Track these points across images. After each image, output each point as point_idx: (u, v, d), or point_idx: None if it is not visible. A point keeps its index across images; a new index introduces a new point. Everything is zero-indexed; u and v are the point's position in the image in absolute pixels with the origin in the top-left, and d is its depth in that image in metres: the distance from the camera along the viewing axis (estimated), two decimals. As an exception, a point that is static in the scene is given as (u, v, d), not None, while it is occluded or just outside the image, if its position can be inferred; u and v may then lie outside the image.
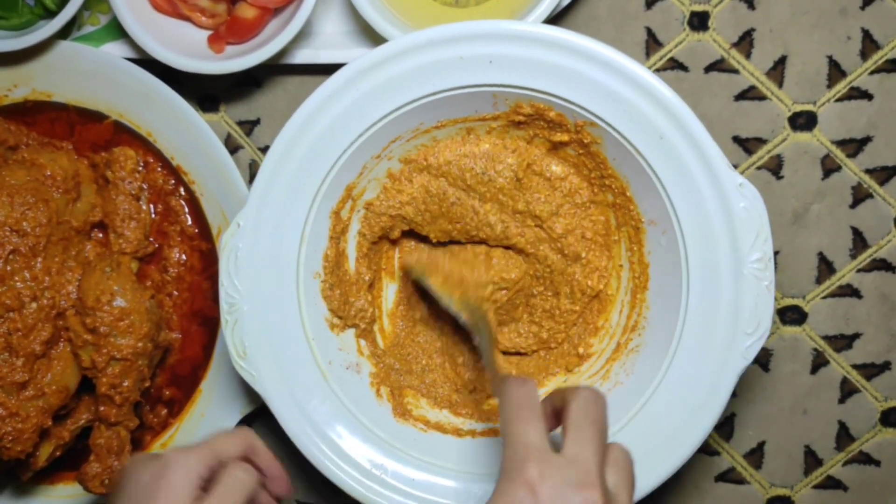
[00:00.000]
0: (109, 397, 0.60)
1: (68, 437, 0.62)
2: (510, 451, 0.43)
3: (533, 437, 0.43)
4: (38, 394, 0.58)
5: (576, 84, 0.54)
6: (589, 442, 0.43)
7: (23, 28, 0.61)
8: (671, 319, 0.55)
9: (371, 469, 0.57)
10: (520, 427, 0.44)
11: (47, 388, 0.59)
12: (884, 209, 0.63)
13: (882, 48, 0.62)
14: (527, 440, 0.43)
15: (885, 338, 0.65)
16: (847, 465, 0.66)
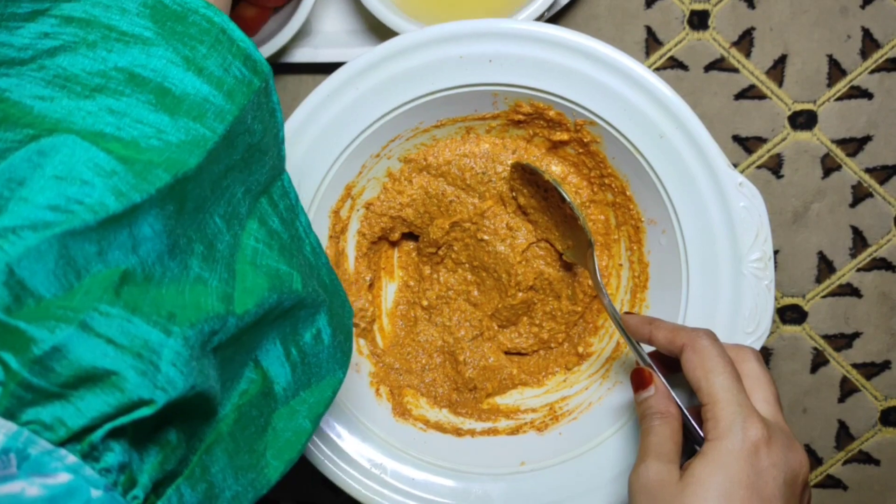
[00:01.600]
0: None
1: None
2: (728, 408, 0.43)
3: (744, 397, 0.44)
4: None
5: (575, 83, 0.54)
6: (776, 401, 0.46)
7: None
8: (671, 318, 0.55)
9: (370, 468, 0.57)
10: (733, 383, 0.44)
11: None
12: (884, 208, 0.63)
13: (882, 47, 0.62)
14: (741, 398, 0.44)
15: (885, 337, 0.64)
16: (847, 464, 0.66)
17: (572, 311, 0.61)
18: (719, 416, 0.43)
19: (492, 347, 0.62)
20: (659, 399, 0.47)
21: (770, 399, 0.46)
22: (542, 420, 0.59)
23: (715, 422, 0.44)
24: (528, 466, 0.57)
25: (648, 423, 0.47)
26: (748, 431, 0.43)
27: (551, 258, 0.61)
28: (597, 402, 0.58)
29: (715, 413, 0.44)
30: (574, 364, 0.62)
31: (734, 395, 0.44)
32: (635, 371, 0.49)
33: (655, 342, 0.49)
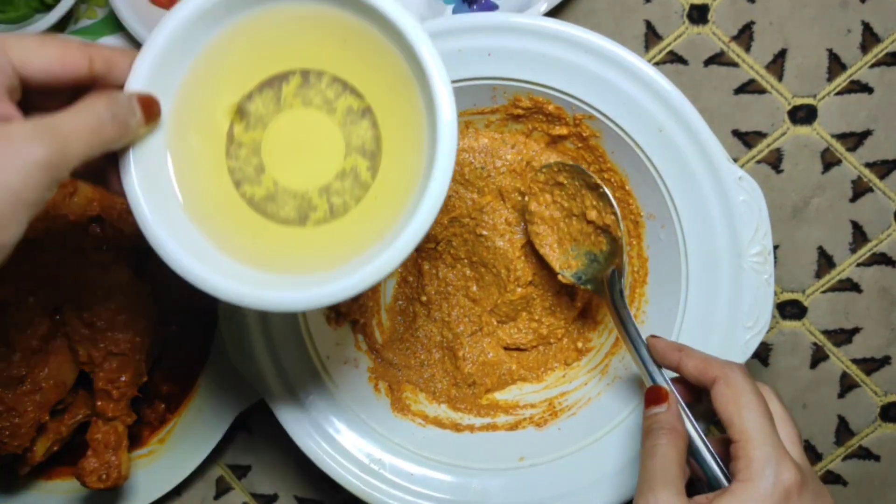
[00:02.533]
0: (107, 392, 0.60)
1: (65, 432, 0.62)
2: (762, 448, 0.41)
3: (778, 438, 0.42)
4: (35, 388, 0.58)
5: (575, 77, 0.54)
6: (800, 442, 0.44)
7: (19, 21, 0.61)
8: (670, 313, 0.55)
9: (369, 464, 0.57)
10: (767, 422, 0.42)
11: (44, 382, 0.58)
12: (884, 203, 0.63)
13: (882, 41, 0.62)
14: (776, 439, 0.42)
15: (884, 332, 0.64)
16: (847, 459, 0.66)
17: (572, 306, 0.61)
18: (752, 455, 0.42)
19: (491, 343, 0.62)
20: (670, 416, 0.46)
21: (795, 440, 0.44)
22: (540, 415, 0.59)
23: (747, 461, 0.42)
24: (527, 462, 0.57)
25: (654, 441, 0.44)
26: (781, 475, 0.41)
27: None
28: (596, 398, 0.58)
29: (748, 452, 0.42)
30: (573, 359, 0.61)
31: (768, 435, 0.42)
32: (651, 388, 0.48)
33: (683, 370, 0.47)
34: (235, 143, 0.43)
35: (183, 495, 0.67)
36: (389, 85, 0.43)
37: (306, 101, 0.43)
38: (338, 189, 0.43)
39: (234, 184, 0.43)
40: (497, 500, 0.56)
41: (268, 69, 0.43)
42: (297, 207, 0.43)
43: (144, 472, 0.64)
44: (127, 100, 0.40)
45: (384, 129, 0.43)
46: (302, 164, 0.43)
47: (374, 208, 0.43)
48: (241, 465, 0.67)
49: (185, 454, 0.64)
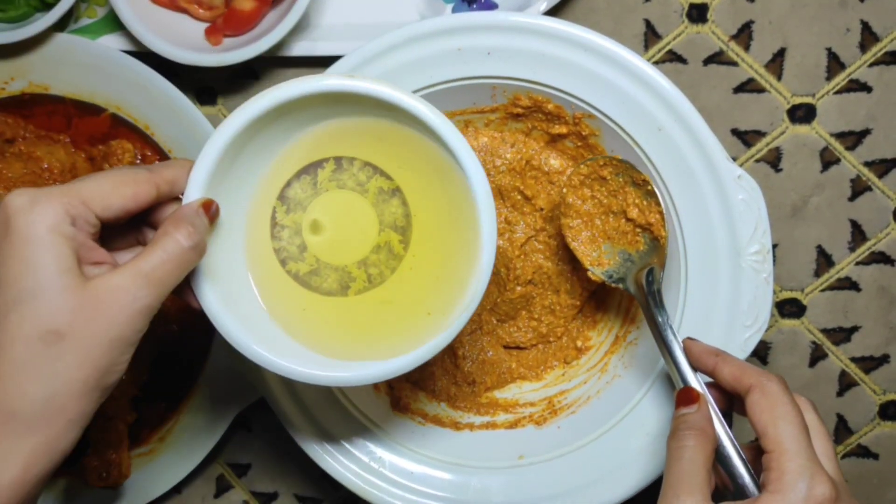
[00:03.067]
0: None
1: (66, 430, 0.62)
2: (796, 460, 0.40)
3: (813, 451, 0.41)
4: (35, 387, 0.58)
5: (574, 76, 0.54)
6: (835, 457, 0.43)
7: (19, 20, 0.61)
8: (669, 312, 0.55)
9: (369, 462, 0.57)
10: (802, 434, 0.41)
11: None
12: (882, 202, 0.63)
13: (881, 40, 0.62)
14: (811, 452, 0.41)
15: (883, 331, 0.64)
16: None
17: (571, 305, 0.61)
18: (785, 467, 0.40)
19: (490, 341, 0.62)
20: (699, 417, 0.44)
21: (830, 455, 0.43)
22: (540, 414, 0.59)
23: (779, 473, 0.40)
24: (527, 460, 0.57)
25: (681, 443, 0.43)
26: (815, 489, 0.39)
27: (550, 252, 0.61)
28: (595, 396, 0.58)
29: (781, 464, 0.40)
30: (573, 358, 0.62)
31: (804, 447, 0.40)
32: (683, 389, 0.47)
33: (718, 376, 0.46)
34: (279, 226, 0.48)
35: (183, 493, 0.67)
36: (417, 170, 0.47)
37: (340, 184, 0.48)
38: (374, 261, 0.48)
39: (280, 262, 0.48)
40: (497, 498, 0.56)
41: (305, 159, 0.47)
42: (338, 280, 0.48)
43: (145, 471, 0.64)
44: (197, 216, 0.42)
45: (413, 206, 0.48)
46: (341, 241, 0.48)
47: (410, 278, 0.48)
48: (241, 464, 0.67)
49: (185, 452, 0.64)
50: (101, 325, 0.38)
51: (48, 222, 0.38)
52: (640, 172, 0.54)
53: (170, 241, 0.40)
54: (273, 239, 0.48)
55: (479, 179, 0.45)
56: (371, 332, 0.48)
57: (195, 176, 0.44)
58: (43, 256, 0.38)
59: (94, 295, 0.38)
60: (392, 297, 0.48)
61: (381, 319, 0.48)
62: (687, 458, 0.42)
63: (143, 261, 0.39)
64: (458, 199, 0.46)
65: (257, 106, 0.44)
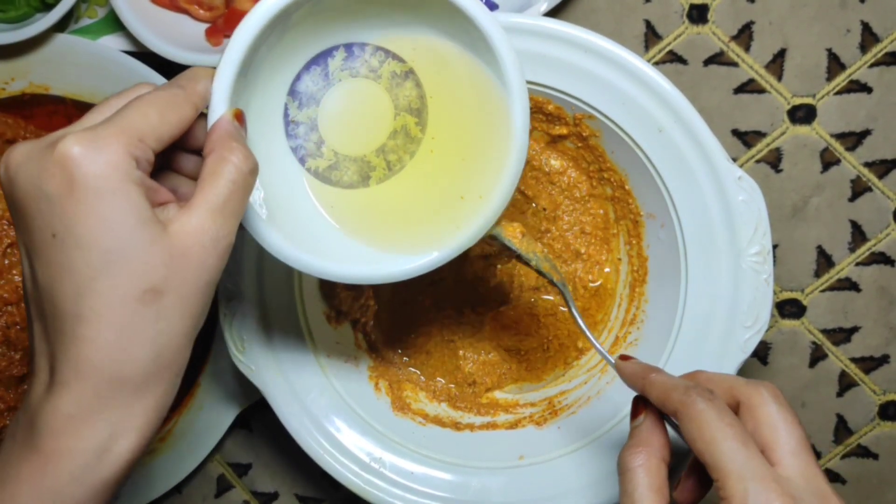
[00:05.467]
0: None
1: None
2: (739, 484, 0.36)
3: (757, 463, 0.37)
4: (36, 387, 0.58)
5: (574, 77, 0.54)
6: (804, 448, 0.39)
7: (20, 21, 0.61)
8: (669, 313, 0.55)
9: (369, 462, 0.57)
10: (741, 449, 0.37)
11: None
12: (883, 203, 0.63)
13: (882, 41, 0.62)
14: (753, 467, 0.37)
15: (883, 331, 0.65)
16: (845, 458, 0.66)
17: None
18: (730, 493, 0.36)
19: (491, 343, 0.62)
20: (643, 429, 0.41)
21: (796, 449, 0.38)
22: (540, 414, 0.59)
23: (728, 501, 0.37)
24: (527, 460, 0.57)
25: (627, 465, 0.40)
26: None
27: (553, 255, 0.61)
28: (595, 397, 0.58)
29: (726, 491, 0.37)
30: (573, 359, 0.62)
31: (743, 465, 0.37)
32: (634, 398, 0.44)
33: (651, 401, 0.42)
34: (293, 123, 0.46)
35: (183, 493, 0.67)
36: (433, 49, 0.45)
37: (353, 72, 0.46)
38: (392, 147, 0.46)
39: (299, 161, 0.46)
40: (497, 498, 0.56)
41: (313, 48, 0.45)
42: (357, 171, 0.47)
43: (145, 470, 0.64)
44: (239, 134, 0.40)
45: (428, 88, 0.46)
46: (357, 130, 0.46)
47: (432, 161, 0.46)
48: (242, 464, 0.67)
49: (185, 452, 0.64)
50: (193, 273, 0.36)
51: (118, 170, 0.34)
52: (508, 246, 0.51)
53: (230, 167, 0.37)
54: (288, 137, 0.45)
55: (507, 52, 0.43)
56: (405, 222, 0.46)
57: (219, 85, 0.41)
58: (120, 210, 0.34)
59: (180, 243, 0.36)
60: (416, 183, 0.46)
61: (411, 207, 0.46)
62: (632, 482, 0.40)
63: (213, 195, 0.37)
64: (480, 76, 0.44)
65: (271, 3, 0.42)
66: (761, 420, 0.39)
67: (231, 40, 0.42)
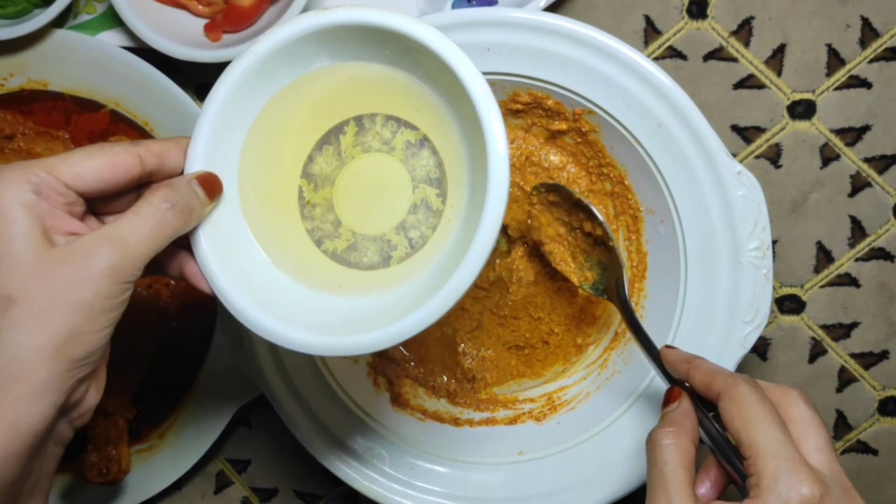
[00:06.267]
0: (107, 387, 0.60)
1: (66, 426, 0.62)
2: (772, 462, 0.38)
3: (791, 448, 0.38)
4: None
5: (574, 72, 0.54)
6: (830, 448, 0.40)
7: (18, 16, 0.61)
8: (669, 308, 0.55)
9: (369, 458, 0.57)
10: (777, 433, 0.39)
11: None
12: (882, 198, 0.63)
13: (881, 36, 0.62)
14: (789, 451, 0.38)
15: (883, 327, 0.64)
16: (845, 454, 0.66)
17: (571, 303, 0.61)
18: (762, 471, 0.38)
19: (490, 339, 0.62)
20: (678, 412, 0.43)
21: (823, 447, 0.40)
22: (540, 410, 0.59)
23: (757, 478, 0.38)
24: (527, 456, 0.57)
25: (657, 443, 0.41)
26: (796, 489, 0.37)
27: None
28: (595, 392, 0.58)
29: (757, 468, 0.38)
30: (572, 355, 0.62)
31: (778, 446, 0.38)
32: (667, 390, 0.46)
33: (692, 384, 0.44)
34: (309, 206, 0.45)
35: (183, 490, 0.67)
36: (438, 113, 0.43)
37: (366, 147, 0.44)
38: (413, 223, 0.44)
39: (315, 243, 0.45)
40: (496, 494, 0.56)
41: (322, 125, 0.44)
42: (378, 251, 0.44)
43: (144, 467, 0.64)
44: (186, 184, 0.41)
45: (443, 153, 0.44)
46: (375, 208, 0.44)
47: (449, 231, 0.43)
48: (241, 460, 0.67)
49: (185, 449, 0.64)
50: (58, 288, 0.36)
51: (8, 193, 0.36)
52: (571, 192, 0.54)
53: (142, 203, 0.39)
54: (304, 219, 0.45)
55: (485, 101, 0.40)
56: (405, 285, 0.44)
57: (192, 149, 0.42)
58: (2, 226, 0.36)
59: (54, 258, 0.36)
60: (434, 256, 0.43)
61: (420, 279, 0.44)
62: (661, 463, 0.40)
63: (110, 224, 0.38)
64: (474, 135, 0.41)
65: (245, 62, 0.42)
66: (792, 417, 0.41)
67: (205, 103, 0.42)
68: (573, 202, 0.55)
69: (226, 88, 0.42)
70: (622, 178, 0.57)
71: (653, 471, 0.41)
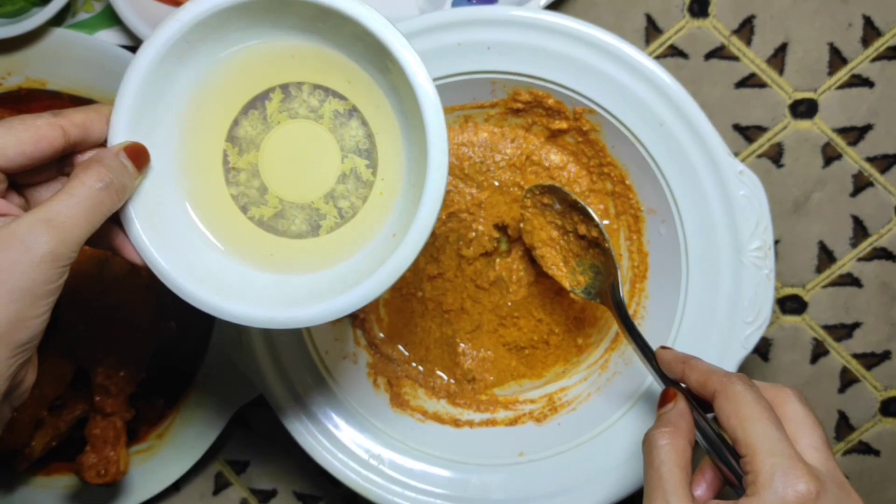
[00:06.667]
0: (105, 388, 0.60)
1: (64, 427, 0.62)
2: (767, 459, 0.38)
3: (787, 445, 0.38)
4: (33, 384, 0.58)
5: (575, 71, 0.53)
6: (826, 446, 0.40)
7: (16, 15, 0.60)
8: (670, 308, 0.55)
9: (368, 459, 0.57)
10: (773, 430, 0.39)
11: (42, 378, 0.58)
12: (884, 198, 0.63)
13: (883, 35, 0.62)
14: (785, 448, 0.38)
15: (885, 327, 0.64)
16: (847, 454, 0.65)
17: (571, 304, 0.61)
18: (758, 468, 0.38)
19: (490, 340, 0.62)
20: (674, 413, 0.43)
21: (819, 444, 0.40)
22: (540, 411, 0.59)
23: (754, 475, 0.38)
24: (527, 457, 0.57)
25: (653, 444, 0.41)
26: (792, 486, 0.37)
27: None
28: (596, 393, 0.58)
29: (754, 465, 0.38)
30: (573, 356, 0.61)
31: (775, 443, 0.38)
32: (662, 391, 0.46)
33: (688, 384, 0.44)
34: (233, 170, 0.44)
35: (182, 491, 0.67)
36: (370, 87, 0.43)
37: (292, 113, 0.44)
38: (342, 192, 0.43)
39: (241, 209, 0.44)
40: (497, 495, 0.56)
41: (248, 92, 0.44)
42: (306, 219, 0.44)
43: (143, 468, 0.64)
44: (114, 157, 0.40)
45: (374, 125, 0.43)
46: (302, 175, 0.44)
47: (382, 204, 0.43)
48: (240, 461, 0.67)
49: (183, 450, 0.64)
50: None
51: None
52: (567, 193, 0.54)
53: (76, 183, 0.38)
54: (229, 185, 0.44)
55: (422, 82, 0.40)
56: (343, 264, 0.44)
57: (115, 118, 0.41)
58: None
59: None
60: (367, 228, 0.43)
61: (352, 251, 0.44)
62: (657, 464, 0.40)
63: (45, 206, 0.37)
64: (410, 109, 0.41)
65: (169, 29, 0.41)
66: (787, 415, 0.41)
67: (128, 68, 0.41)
68: (568, 204, 0.54)
69: (150, 55, 0.41)
70: (623, 178, 0.57)
71: (649, 471, 0.41)
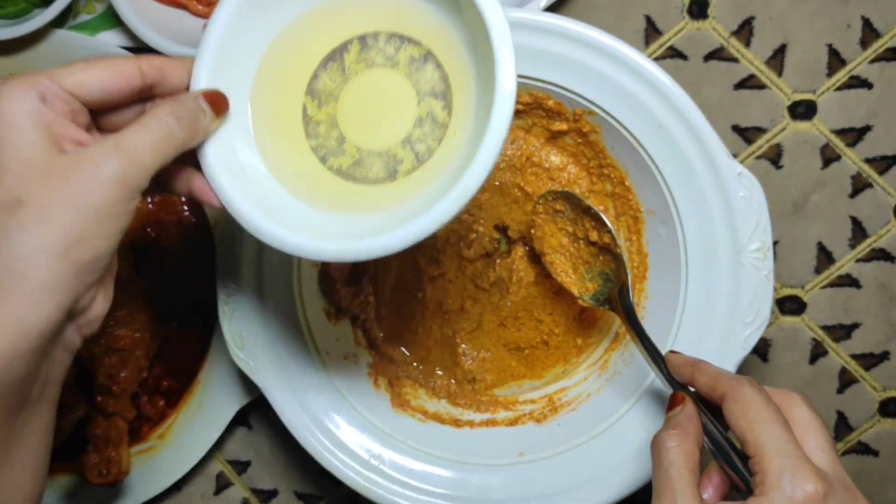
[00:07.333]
0: (107, 388, 0.60)
1: (66, 427, 0.62)
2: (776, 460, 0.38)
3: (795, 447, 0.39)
4: (34, 384, 0.58)
5: (575, 72, 0.53)
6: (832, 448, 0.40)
7: (18, 16, 0.61)
8: (670, 309, 0.55)
9: (369, 459, 0.57)
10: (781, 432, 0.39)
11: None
12: (883, 199, 0.63)
13: (882, 36, 0.62)
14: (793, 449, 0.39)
15: (883, 328, 0.64)
16: (845, 455, 0.66)
17: (572, 304, 0.61)
18: (767, 468, 0.38)
19: (491, 339, 0.62)
20: (683, 416, 0.43)
21: (826, 447, 0.40)
22: (540, 411, 0.59)
23: (762, 476, 0.38)
24: (527, 457, 0.57)
25: (661, 446, 0.42)
26: (801, 486, 0.37)
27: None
28: (596, 394, 0.58)
29: (762, 466, 0.39)
30: (573, 356, 0.61)
31: (783, 444, 0.39)
32: (671, 395, 0.46)
33: (697, 387, 0.45)
34: (313, 123, 0.45)
35: (183, 490, 0.67)
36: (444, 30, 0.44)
37: (369, 63, 0.44)
38: (419, 136, 0.44)
39: (321, 160, 0.45)
40: (497, 495, 0.56)
41: (326, 45, 0.45)
42: (384, 166, 0.44)
43: (144, 468, 0.64)
44: (192, 99, 0.41)
45: (448, 66, 0.44)
46: (380, 123, 0.44)
47: (455, 143, 0.43)
48: (241, 461, 0.67)
49: (185, 449, 0.64)
50: (65, 192, 0.36)
51: (15, 102, 0.37)
52: (581, 199, 0.54)
53: (149, 116, 0.39)
54: (308, 137, 0.45)
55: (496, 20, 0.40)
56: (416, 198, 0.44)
57: (197, 67, 0.43)
58: (9, 134, 0.37)
59: (62, 164, 0.37)
60: (440, 167, 0.43)
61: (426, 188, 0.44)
62: (666, 465, 0.41)
63: (118, 135, 0.38)
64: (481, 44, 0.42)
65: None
66: (794, 419, 0.41)
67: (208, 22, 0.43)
68: (582, 210, 0.54)
69: (232, 6, 0.43)
70: (623, 179, 0.57)
71: (658, 472, 0.41)
